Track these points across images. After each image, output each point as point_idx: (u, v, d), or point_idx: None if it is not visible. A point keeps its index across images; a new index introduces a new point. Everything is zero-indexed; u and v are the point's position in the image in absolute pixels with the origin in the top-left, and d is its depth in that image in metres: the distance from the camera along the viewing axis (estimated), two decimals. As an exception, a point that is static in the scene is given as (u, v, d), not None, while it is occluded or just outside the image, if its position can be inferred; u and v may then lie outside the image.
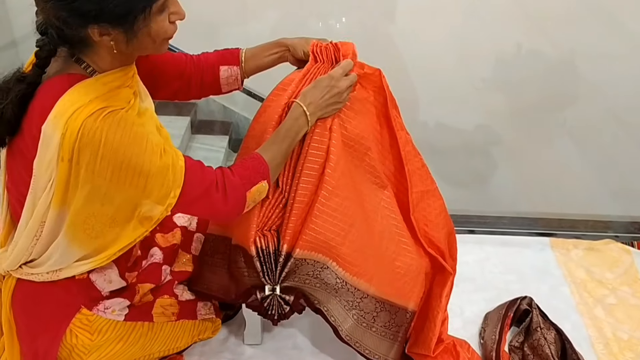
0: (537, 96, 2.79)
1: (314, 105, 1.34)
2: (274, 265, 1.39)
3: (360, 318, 1.48)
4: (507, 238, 2.22)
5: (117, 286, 1.40)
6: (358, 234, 1.43)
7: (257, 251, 1.38)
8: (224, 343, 1.72)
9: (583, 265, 2.09)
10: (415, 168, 1.57)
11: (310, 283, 1.42)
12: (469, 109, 2.83)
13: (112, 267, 1.37)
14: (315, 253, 1.40)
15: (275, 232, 1.41)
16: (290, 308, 1.42)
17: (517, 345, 1.72)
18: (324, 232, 1.39)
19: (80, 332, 1.33)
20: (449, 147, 2.85)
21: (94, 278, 1.35)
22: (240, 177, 1.27)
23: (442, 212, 1.65)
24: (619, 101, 2.71)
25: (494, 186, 2.85)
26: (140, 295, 1.47)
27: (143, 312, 1.46)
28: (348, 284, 1.44)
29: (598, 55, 2.63)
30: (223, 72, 1.48)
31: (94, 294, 1.35)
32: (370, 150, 1.48)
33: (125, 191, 1.15)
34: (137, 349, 1.44)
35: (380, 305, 1.49)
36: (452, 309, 1.81)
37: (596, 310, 1.90)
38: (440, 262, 1.60)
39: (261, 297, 1.40)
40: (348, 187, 1.41)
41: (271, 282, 1.40)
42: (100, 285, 1.36)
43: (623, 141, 2.76)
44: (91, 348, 1.35)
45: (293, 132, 1.34)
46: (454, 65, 2.76)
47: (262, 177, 1.30)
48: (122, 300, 1.41)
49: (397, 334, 1.54)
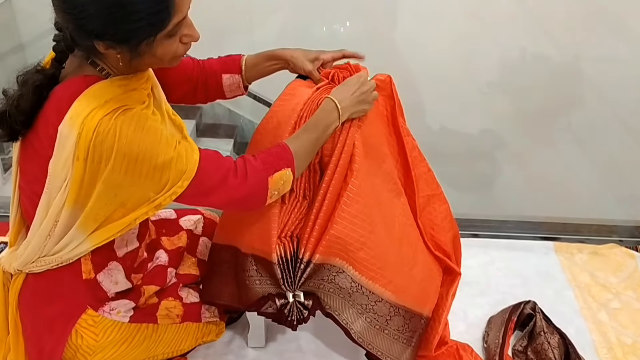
0: (542, 100, 2.79)
1: (346, 101, 1.35)
2: (293, 271, 1.39)
3: (373, 321, 1.48)
4: (511, 242, 2.22)
5: (123, 287, 1.41)
6: (377, 240, 1.43)
7: (279, 259, 1.38)
8: (228, 345, 1.72)
9: (587, 269, 2.08)
10: (421, 173, 1.59)
11: (324, 288, 1.42)
12: (474, 114, 2.84)
13: (118, 268, 1.38)
14: (334, 257, 1.40)
15: (293, 239, 1.41)
16: (309, 312, 1.43)
17: (520, 350, 1.71)
18: (344, 238, 1.39)
19: (86, 332, 1.34)
20: (454, 151, 2.86)
21: (101, 279, 1.36)
22: (262, 162, 1.26)
23: (448, 215, 1.66)
24: (624, 105, 2.71)
25: (499, 190, 2.85)
26: (145, 297, 1.48)
27: (148, 314, 1.47)
28: (363, 287, 1.45)
29: (603, 59, 2.63)
30: (225, 80, 1.49)
31: (100, 294, 1.36)
32: (387, 156, 1.49)
33: (141, 184, 1.15)
34: (141, 351, 1.45)
35: (395, 310, 1.49)
36: (456, 312, 1.81)
37: (600, 314, 1.90)
38: (447, 263, 1.63)
39: (280, 304, 1.41)
40: (369, 193, 1.42)
41: (290, 288, 1.40)
42: (106, 286, 1.37)
43: (628, 145, 2.75)
44: (96, 349, 1.36)
45: (323, 124, 1.33)
46: (459, 69, 2.76)
47: (286, 164, 1.27)
48: (127, 302, 1.42)
49: (410, 338, 1.54)
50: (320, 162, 1.41)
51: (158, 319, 1.49)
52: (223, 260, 1.56)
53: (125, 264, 1.40)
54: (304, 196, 1.44)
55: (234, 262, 1.53)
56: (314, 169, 1.41)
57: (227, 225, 1.56)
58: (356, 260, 1.42)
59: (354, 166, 1.38)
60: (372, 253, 1.43)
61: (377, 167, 1.46)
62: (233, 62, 1.49)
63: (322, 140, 1.35)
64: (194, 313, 1.57)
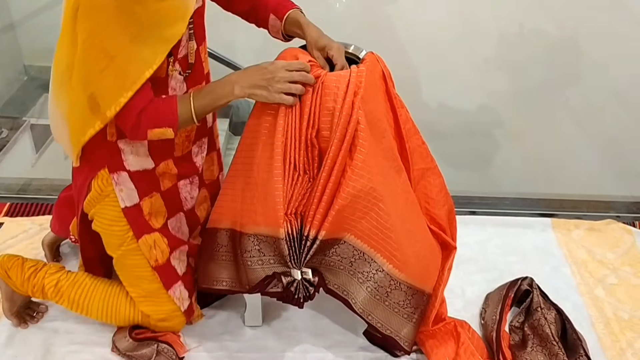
0: (539, 77, 2.77)
1: (244, 81, 1.34)
2: (299, 249, 1.39)
3: (374, 291, 1.48)
4: (509, 219, 2.22)
5: (143, 163, 1.47)
6: (382, 213, 1.43)
7: (286, 235, 1.37)
8: (225, 325, 1.72)
9: (584, 245, 2.08)
10: (415, 146, 1.58)
11: (326, 262, 1.43)
12: (472, 90, 2.81)
13: (143, 144, 1.46)
14: (336, 231, 1.40)
15: (298, 216, 1.40)
16: (314, 288, 1.43)
17: (517, 326, 1.72)
18: (347, 211, 1.39)
19: (98, 184, 1.47)
20: (451, 129, 2.83)
21: (122, 146, 1.44)
22: (147, 117, 1.32)
23: (443, 189, 1.66)
24: (622, 81, 2.69)
25: (496, 167, 2.83)
26: (163, 184, 1.53)
27: (139, 225, 1.50)
28: (365, 254, 1.45)
29: (601, 33, 2.60)
30: (271, 20, 1.49)
31: (117, 160, 1.45)
32: (386, 132, 1.48)
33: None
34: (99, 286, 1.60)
35: (395, 284, 1.49)
36: (453, 289, 1.82)
37: (597, 290, 1.91)
38: (442, 238, 1.63)
39: (287, 282, 1.41)
40: (374, 167, 1.41)
41: (297, 266, 1.40)
42: (126, 155, 1.45)
43: (626, 121, 2.74)
44: (97, 202, 1.49)
45: (215, 95, 1.35)
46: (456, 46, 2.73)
47: (167, 124, 1.33)
48: (132, 189, 1.47)
49: (412, 314, 1.54)
50: (317, 137, 1.39)
51: (141, 242, 1.51)
52: (220, 245, 1.55)
53: (153, 142, 1.45)
54: (305, 170, 1.43)
55: (233, 245, 1.52)
56: (311, 143, 1.40)
57: (223, 209, 1.55)
58: (357, 228, 1.42)
59: (358, 141, 1.36)
60: (375, 224, 1.43)
61: (377, 142, 1.45)
62: (282, 8, 1.48)
63: (210, 108, 1.38)
64: (170, 275, 1.56)
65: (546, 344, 1.62)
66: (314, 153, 1.41)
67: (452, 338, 1.63)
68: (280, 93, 1.33)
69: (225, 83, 1.35)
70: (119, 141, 1.43)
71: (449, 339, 1.63)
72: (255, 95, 1.35)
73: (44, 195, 2.26)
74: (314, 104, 1.37)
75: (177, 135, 1.42)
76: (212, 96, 1.35)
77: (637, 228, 2.19)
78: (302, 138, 1.39)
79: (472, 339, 1.65)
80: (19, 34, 2.99)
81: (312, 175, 1.42)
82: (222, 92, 1.35)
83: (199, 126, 1.54)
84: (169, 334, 1.64)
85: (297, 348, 1.67)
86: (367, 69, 1.40)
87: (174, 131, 1.35)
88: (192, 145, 1.57)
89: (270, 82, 1.32)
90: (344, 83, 1.36)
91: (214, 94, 1.35)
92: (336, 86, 1.35)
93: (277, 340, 1.69)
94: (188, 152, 1.57)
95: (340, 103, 1.35)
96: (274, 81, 1.32)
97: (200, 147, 1.61)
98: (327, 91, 1.36)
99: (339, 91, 1.35)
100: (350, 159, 1.37)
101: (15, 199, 2.23)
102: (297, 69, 1.34)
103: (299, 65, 1.35)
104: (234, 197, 1.51)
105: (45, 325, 1.69)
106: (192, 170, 1.59)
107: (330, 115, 1.36)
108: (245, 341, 1.68)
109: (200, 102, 1.34)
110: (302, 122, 1.37)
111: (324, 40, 1.43)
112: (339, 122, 1.35)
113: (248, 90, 1.34)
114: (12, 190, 2.30)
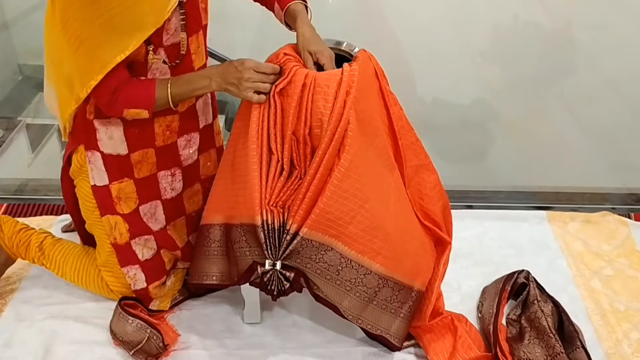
0: (534, 69, 2.77)
1: (219, 77, 1.41)
2: (278, 240, 1.40)
3: (362, 294, 1.49)
4: (505, 212, 2.22)
5: (117, 148, 1.52)
6: (368, 215, 1.43)
7: (263, 223, 1.39)
8: (224, 322, 1.73)
9: (580, 237, 2.09)
10: (409, 143, 1.58)
11: (312, 268, 1.43)
12: (466, 83, 2.81)
13: (119, 125, 1.50)
14: (322, 234, 1.40)
15: (281, 209, 1.41)
16: (290, 285, 1.43)
17: (514, 318, 1.73)
18: (333, 212, 1.39)
19: (77, 159, 1.57)
20: (446, 122, 2.84)
21: (97, 125, 1.50)
22: (125, 97, 1.38)
23: (437, 185, 1.66)
24: (617, 72, 2.69)
25: (491, 161, 2.84)
26: (137, 170, 1.56)
27: (106, 205, 1.58)
28: (352, 261, 1.45)
29: (595, 25, 2.61)
30: (275, 8, 1.54)
31: (92, 139, 1.51)
32: (379, 131, 1.48)
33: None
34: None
35: (384, 282, 1.50)
36: (450, 283, 1.83)
37: (593, 282, 1.92)
38: (437, 233, 1.63)
39: (262, 272, 1.42)
40: (361, 168, 1.42)
41: (273, 257, 1.41)
42: (101, 135, 1.51)
43: (620, 113, 2.75)
44: (78, 175, 1.60)
45: (192, 86, 1.42)
46: (451, 39, 2.73)
47: (144, 106, 1.41)
48: (103, 171, 1.54)
49: (399, 309, 1.55)
50: (310, 134, 1.40)
51: (104, 220, 1.59)
52: (212, 240, 1.56)
53: (130, 129, 1.50)
54: (295, 166, 1.44)
55: (224, 239, 1.54)
56: (304, 140, 1.41)
57: (216, 204, 1.57)
58: (345, 235, 1.42)
59: (346, 141, 1.37)
60: (362, 227, 1.43)
61: (369, 141, 1.45)
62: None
63: (187, 96, 1.46)
64: (126, 256, 1.63)
65: (543, 336, 1.63)
66: (306, 150, 1.42)
67: (450, 332, 1.64)
68: (247, 91, 1.39)
69: (203, 76, 1.43)
70: (95, 120, 1.50)
71: (446, 332, 1.64)
72: (229, 90, 1.42)
73: (41, 196, 2.26)
74: (306, 102, 1.38)
75: (156, 124, 1.50)
76: (190, 87, 1.43)
77: (632, 220, 2.20)
78: (289, 134, 1.40)
79: (470, 333, 1.66)
80: (13, 33, 2.98)
81: (302, 172, 1.43)
82: (200, 84, 1.42)
83: (184, 119, 1.57)
84: (163, 321, 1.67)
85: (296, 344, 1.68)
86: (359, 67, 1.40)
87: (149, 113, 1.42)
88: (178, 137, 1.59)
89: (239, 80, 1.39)
90: (335, 82, 1.37)
91: (192, 85, 1.43)
92: (327, 84, 1.37)
93: (276, 336, 1.70)
94: (173, 144, 1.59)
95: (332, 102, 1.36)
96: (243, 80, 1.39)
97: (189, 141, 1.63)
98: (318, 90, 1.38)
99: (329, 89, 1.37)
100: (338, 159, 1.38)
101: (13, 200, 2.23)
102: (264, 71, 1.40)
103: (266, 69, 1.40)
104: (225, 192, 1.53)
105: (45, 325, 1.70)
106: (174, 162, 1.62)
107: (321, 114, 1.38)
108: (244, 338, 1.69)
109: (178, 90, 1.41)
110: (288, 118, 1.39)
111: (314, 45, 1.44)
112: (330, 121, 1.36)
113: (223, 85, 1.41)
114: (9, 191, 2.31)
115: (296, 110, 1.39)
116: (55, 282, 1.81)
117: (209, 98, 1.66)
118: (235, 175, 1.49)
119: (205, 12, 1.49)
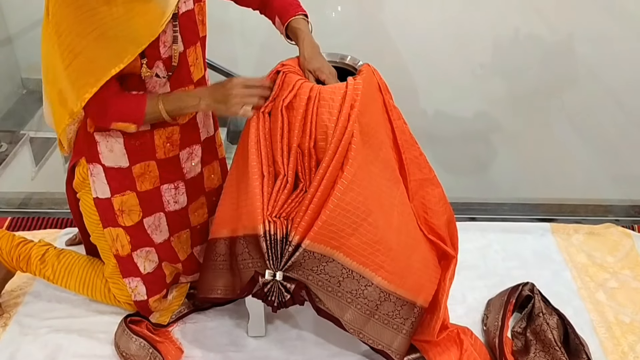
0: (535, 81, 2.78)
1: (208, 98, 1.42)
2: (280, 251, 1.40)
3: (364, 307, 1.48)
4: (508, 224, 2.22)
5: (118, 160, 1.53)
6: (370, 228, 1.43)
7: (265, 233, 1.39)
8: (228, 336, 1.73)
9: (584, 249, 2.09)
10: (412, 157, 1.59)
11: (314, 279, 1.43)
12: (468, 96, 2.83)
13: (119, 139, 1.50)
14: (324, 246, 1.40)
15: (284, 220, 1.42)
16: (291, 297, 1.43)
17: (519, 331, 1.72)
18: (336, 224, 1.39)
19: (80, 172, 1.58)
20: (449, 135, 2.85)
21: (98, 138, 1.51)
22: (115, 111, 1.39)
23: (442, 199, 1.66)
24: (618, 84, 2.70)
25: (494, 173, 2.85)
26: (140, 183, 1.57)
27: (108, 218, 1.58)
28: (353, 272, 1.45)
29: (596, 37, 2.62)
30: (277, 21, 1.55)
31: (93, 151, 1.52)
32: (384, 144, 1.49)
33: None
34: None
35: (385, 295, 1.49)
36: (455, 296, 1.82)
37: (598, 294, 1.91)
38: (442, 248, 1.63)
39: (263, 282, 1.42)
40: (365, 181, 1.42)
41: (274, 267, 1.41)
42: (102, 148, 1.51)
43: (623, 124, 2.75)
44: (81, 188, 1.60)
45: (182, 105, 1.43)
46: (452, 51, 2.74)
47: (133, 120, 1.42)
48: (105, 183, 1.54)
49: (401, 325, 1.54)
50: (315, 147, 1.41)
51: (106, 232, 1.59)
52: (218, 254, 1.57)
53: (130, 141, 1.50)
54: (300, 179, 1.44)
55: (229, 253, 1.54)
56: (309, 153, 1.42)
57: (222, 219, 1.57)
58: (347, 246, 1.43)
59: (350, 154, 1.38)
60: (364, 239, 1.43)
61: (374, 155, 1.46)
62: (286, 13, 1.52)
63: (177, 113, 1.46)
64: (128, 268, 1.63)
65: (549, 349, 1.63)
66: (311, 163, 1.43)
67: (455, 345, 1.63)
68: (235, 106, 1.40)
69: (194, 96, 1.45)
70: (95, 133, 1.51)
71: (451, 346, 1.63)
72: (218, 109, 1.45)
73: (45, 209, 2.26)
74: (311, 115, 1.39)
75: (155, 135, 1.51)
76: (181, 104, 1.44)
77: (636, 231, 2.20)
78: (294, 146, 1.41)
79: (475, 346, 1.65)
80: (16, 47, 3.00)
81: (307, 184, 1.44)
82: (190, 104, 1.44)
83: (185, 132, 1.58)
84: (166, 340, 1.66)
85: (300, 358, 1.67)
86: (363, 81, 1.41)
87: (137, 127, 1.44)
88: (180, 150, 1.59)
89: (227, 97, 1.40)
90: (339, 95, 1.38)
91: (182, 103, 1.44)
92: (332, 97, 1.38)
93: (281, 350, 1.69)
94: (175, 157, 1.59)
95: (336, 115, 1.37)
96: (230, 97, 1.39)
97: (191, 154, 1.63)
98: (323, 103, 1.39)
99: (334, 103, 1.38)
100: (341, 171, 1.39)
101: (17, 213, 2.23)
102: (253, 84, 1.42)
103: (255, 82, 1.42)
104: (231, 206, 1.54)
105: (49, 339, 1.69)
106: (177, 175, 1.63)
107: (326, 127, 1.38)
108: (248, 352, 1.68)
109: (168, 107, 1.42)
110: (294, 131, 1.40)
111: (315, 63, 1.45)
112: (334, 134, 1.37)
113: (212, 105, 1.43)
114: (13, 205, 2.31)
115: (301, 123, 1.40)
116: (59, 296, 1.81)
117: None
118: (240, 189, 1.50)
119: (203, 25, 1.50)
